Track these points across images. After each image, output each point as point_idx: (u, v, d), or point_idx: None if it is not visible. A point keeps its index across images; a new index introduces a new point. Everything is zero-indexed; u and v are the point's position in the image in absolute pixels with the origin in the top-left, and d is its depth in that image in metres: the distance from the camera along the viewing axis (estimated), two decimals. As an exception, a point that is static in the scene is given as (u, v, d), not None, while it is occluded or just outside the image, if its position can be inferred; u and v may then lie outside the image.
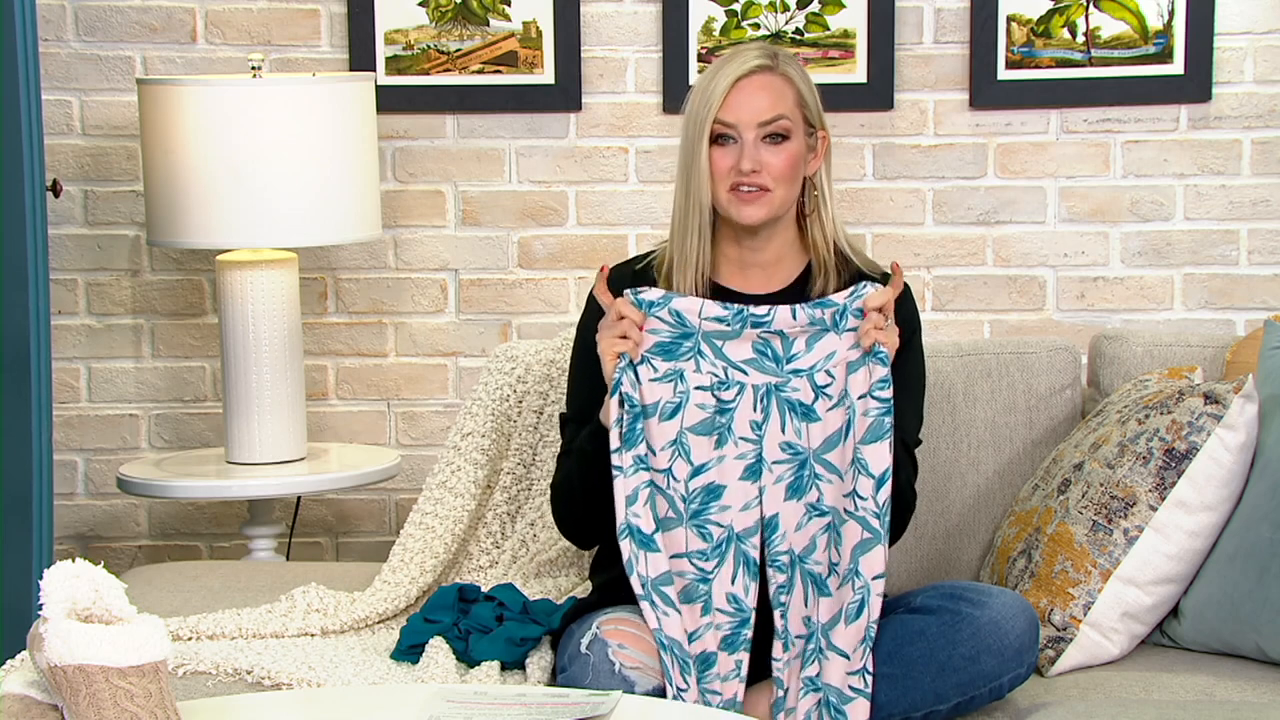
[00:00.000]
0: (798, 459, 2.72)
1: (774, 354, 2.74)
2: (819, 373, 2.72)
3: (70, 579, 2.24)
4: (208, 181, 3.62)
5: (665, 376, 2.72)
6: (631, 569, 2.67)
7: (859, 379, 2.70)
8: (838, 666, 2.66)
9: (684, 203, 2.80)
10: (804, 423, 2.72)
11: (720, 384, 2.73)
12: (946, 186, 4.04)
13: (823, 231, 2.85)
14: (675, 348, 2.74)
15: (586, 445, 2.78)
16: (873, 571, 2.66)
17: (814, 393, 2.72)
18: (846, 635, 2.66)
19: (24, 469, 3.45)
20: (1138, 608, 2.97)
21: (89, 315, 4.09)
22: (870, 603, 2.66)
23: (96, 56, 4.04)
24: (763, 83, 2.77)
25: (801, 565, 2.71)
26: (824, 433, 2.72)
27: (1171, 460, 2.97)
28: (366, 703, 2.49)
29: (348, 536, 4.17)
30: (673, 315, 2.73)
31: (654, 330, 2.73)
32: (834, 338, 2.72)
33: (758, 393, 2.73)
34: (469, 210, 4.07)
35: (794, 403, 2.72)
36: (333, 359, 4.11)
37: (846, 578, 2.68)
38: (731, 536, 2.72)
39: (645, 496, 2.69)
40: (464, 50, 4.01)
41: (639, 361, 2.72)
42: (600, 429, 2.76)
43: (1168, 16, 3.95)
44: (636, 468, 2.70)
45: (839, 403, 2.71)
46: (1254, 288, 4.03)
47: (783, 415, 2.72)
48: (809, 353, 2.73)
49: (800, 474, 2.72)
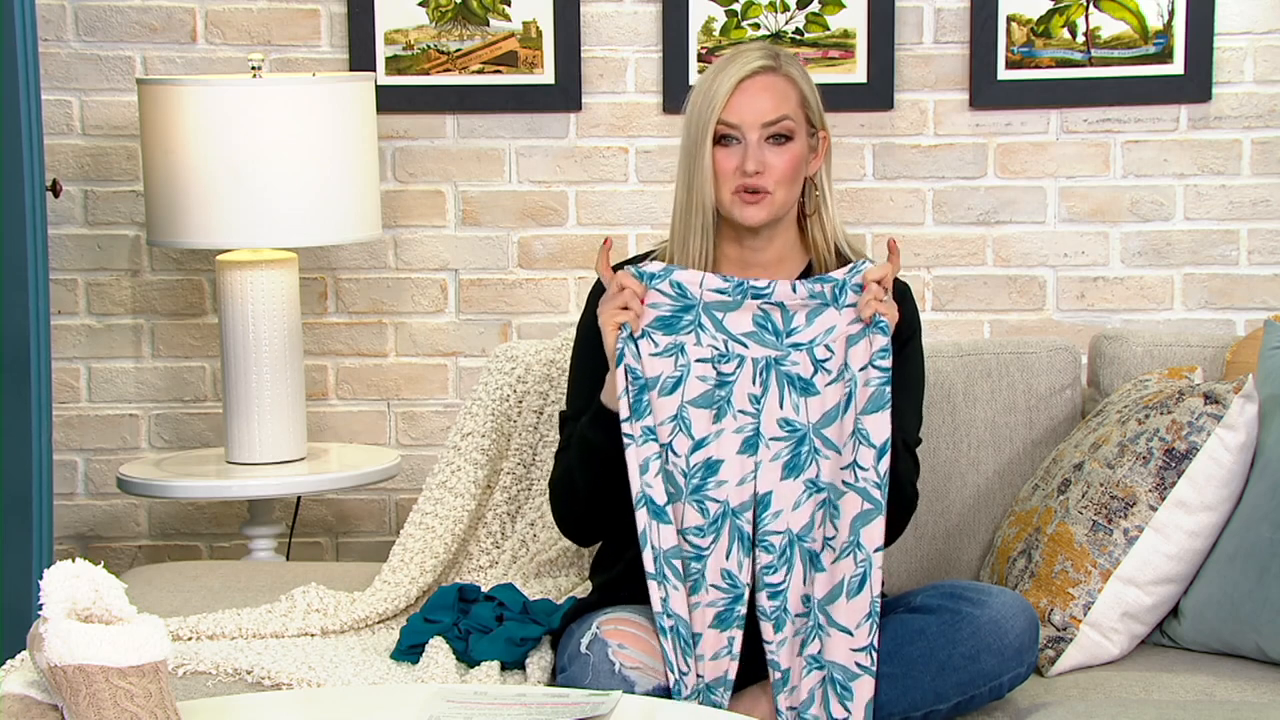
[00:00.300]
0: (795, 435, 2.71)
1: (774, 327, 2.73)
2: (818, 347, 2.72)
3: (70, 579, 2.24)
4: (208, 181, 3.62)
5: (666, 351, 2.72)
6: (645, 541, 2.66)
7: (859, 351, 2.70)
8: (841, 643, 2.64)
9: (686, 203, 2.79)
10: (802, 397, 2.71)
11: (720, 356, 2.72)
12: (946, 186, 4.04)
13: (823, 231, 2.85)
14: (676, 321, 2.73)
15: (587, 431, 2.76)
16: (874, 544, 2.64)
17: (813, 366, 2.72)
18: (849, 610, 2.64)
19: (24, 469, 3.45)
20: (1138, 608, 2.97)
21: (89, 315, 4.09)
22: (872, 576, 2.64)
23: (96, 56, 4.03)
24: (766, 84, 2.76)
25: (801, 544, 2.69)
26: (822, 407, 2.71)
27: (1171, 460, 2.97)
28: (366, 703, 2.48)
29: (348, 536, 4.17)
30: (674, 287, 2.72)
31: (654, 304, 2.73)
32: (834, 312, 2.72)
33: (757, 366, 2.72)
34: (469, 210, 4.07)
35: (793, 376, 2.72)
36: (333, 359, 4.11)
37: (846, 550, 2.66)
38: (727, 512, 2.70)
39: (656, 467, 2.69)
40: (464, 50, 4.01)
41: (639, 335, 2.71)
42: (601, 412, 2.74)
43: (1168, 16, 3.94)
44: (646, 438, 2.69)
45: (838, 377, 2.70)
46: (1254, 288, 4.02)
47: (781, 389, 2.72)
48: (809, 326, 2.73)
49: (798, 451, 2.71)
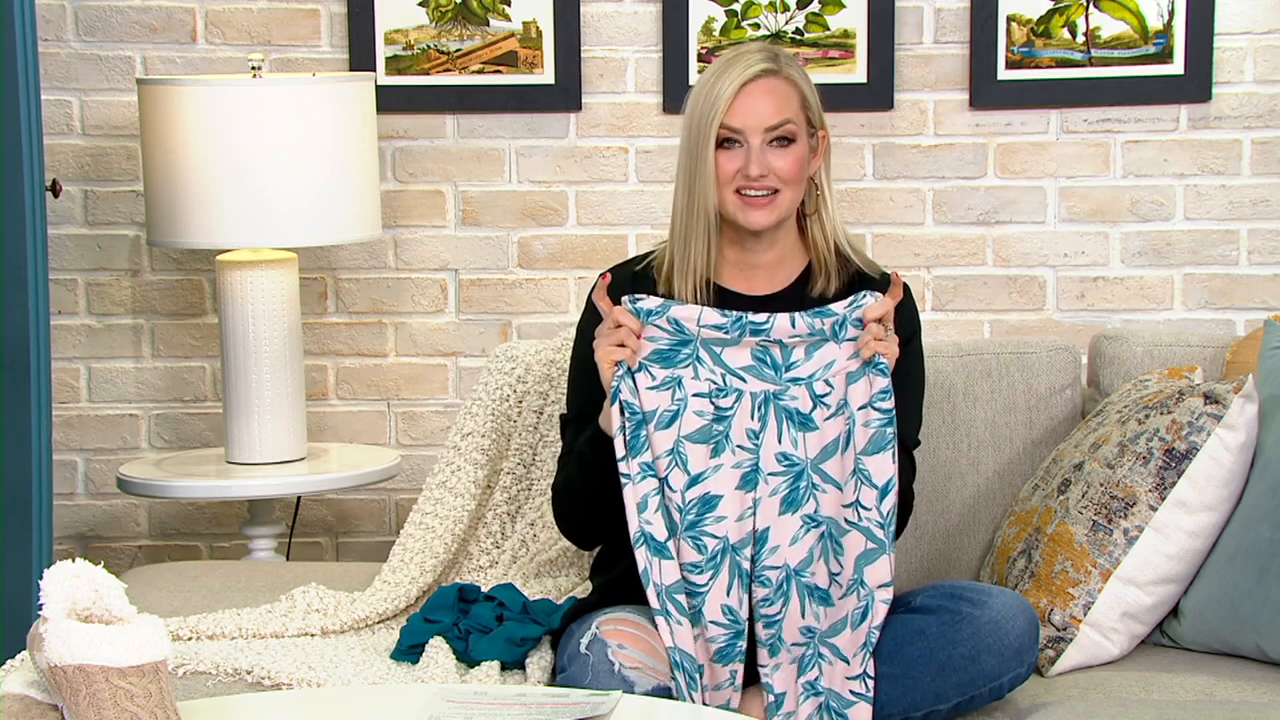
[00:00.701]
0: (794, 470, 2.69)
1: (773, 361, 2.71)
2: (818, 381, 2.70)
3: (70, 579, 2.24)
4: (208, 181, 3.62)
5: (663, 384, 2.70)
6: (648, 580, 2.65)
7: (859, 389, 2.68)
8: (838, 671, 2.66)
9: (687, 206, 2.78)
10: (801, 432, 2.69)
11: (719, 391, 2.70)
12: (946, 186, 4.04)
13: (823, 231, 2.85)
14: (673, 355, 2.71)
15: (586, 450, 2.77)
16: (878, 580, 2.65)
17: (812, 401, 2.70)
18: (847, 640, 2.66)
19: (24, 469, 3.45)
20: (1138, 608, 2.97)
21: (89, 315, 4.09)
22: (874, 609, 2.65)
23: (96, 56, 4.03)
24: (768, 87, 2.75)
25: (798, 579, 2.69)
26: (821, 442, 2.69)
27: (1171, 460, 2.96)
28: (366, 703, 2.48)
29: (348, 536, 4.17)
30: (671, 323, 2.70)
31: (652, 338, 2.70)
32: (833, 347, 2.70)
33: (755, 400, 2.70)
34: (469, 210, 4.07)
35: (792, 411, 2.70)
36: (333, 359, 4.11)
37: (851, 588, 2.66)
38: (726, 548, 2.69)
39: (656, 504, 2.67)
40: (464, 50, 4.01)
41: (637, 369, 2.69)
42: (600, 434, 2.74)
43: (1168, 16, 3.94)
44: (644, 474, 2.67)
45: (837, 412, 2.69)
46: (1254, 288, 4.02)
47: (780, 424, 2.70)
48: (808, 361, 2.71)
49: (796, 485, 2.69)
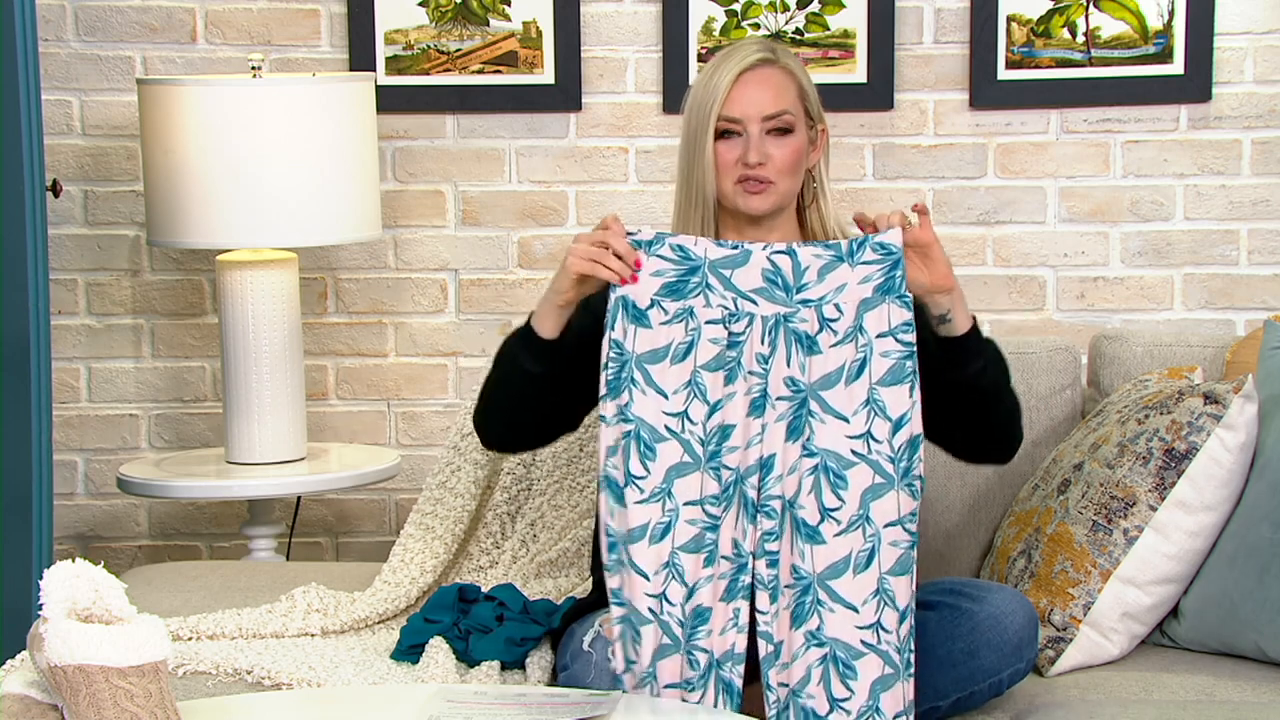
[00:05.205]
0: (798, 396, 2.60)
1: (784, 282, 2.62)
2: (827, 305, 2.61)
3: (70, 579, 2.24)
4: (208, 181, 3.62)
5: (676, 316, 2.61)
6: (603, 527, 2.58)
7: (876, 317, 2.60)
8: (844, 620, 2.55)
9: (686, 197, 2.80)
10: (807, 356, 2.60)
11: (731, 316, 2.61)
12: (946, 186, 4.04)
13: (821, 222, 2.86)
14: (683, 286, 2.62)
15: (513, 341, 2.71)
16: (884, 519, 2.56)
17: (819, 324, 2.60)
18: (854, 586, 2.56)
19: (24, 469, 3.45)
20: (1137, 608, 2.97)
21: (89, 315, 4.09)
22: (880, 552, 2.55)
23: (96, 56, 4.03)
24: (766, 76, 2.77)
25: (792, 510, 2.59)
26: (823, 368, 2.60)
27: (1171, 460, 2.97)
28: (366, 703, 2.49)
29: (348, 536, 4.17)
30: (675, 250, 2.63)
31: (659, 272, 2.62)
32: (846, 269, 2.61)
33: (766, 324, 2.61)
34: (469, 210, 4.07)
35: (800, 334, 2.60)
36: (333, 359, 4.11)
37: (854, 524, 2.56)
38: (738, 478, 2.60)
39: (624, 449, 2.58)
40: (464, 50, 4.01)
41: (648, 306, 2.61)
42: (535, 341, 2.68)
43: (1168, 16, 3.94)
44: (619, 418, 2.59)
45: (844, 339, 2.60)
46: (1254, 288, 4.02)
47: (789, 347, 2.61)
48: (820, 283, 2.61)
49: (799, 413, 2.60)
